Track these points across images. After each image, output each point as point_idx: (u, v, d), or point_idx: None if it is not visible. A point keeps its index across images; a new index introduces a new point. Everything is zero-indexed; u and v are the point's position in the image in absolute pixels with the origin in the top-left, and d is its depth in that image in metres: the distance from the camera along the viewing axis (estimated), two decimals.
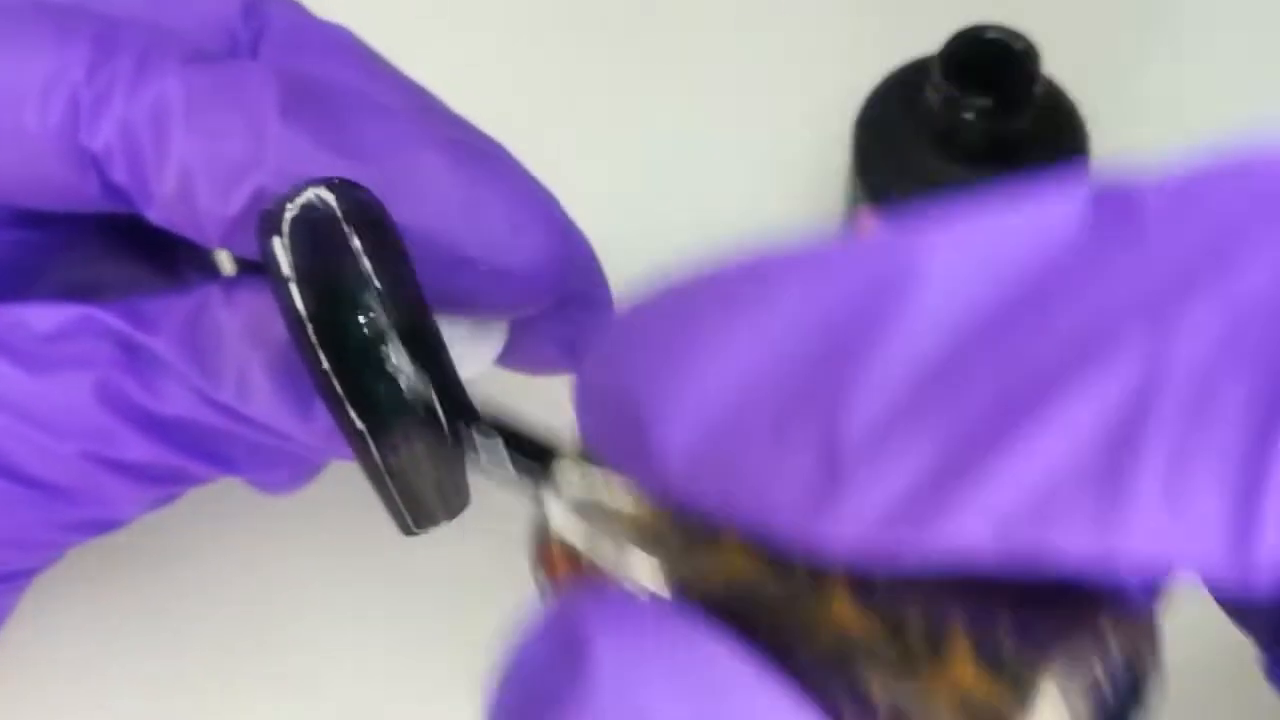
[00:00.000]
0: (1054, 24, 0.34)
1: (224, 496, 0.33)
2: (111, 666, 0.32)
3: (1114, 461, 0.11)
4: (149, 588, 0.33)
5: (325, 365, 0.19)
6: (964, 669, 0.13)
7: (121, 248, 0.25)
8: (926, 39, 0.31)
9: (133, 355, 0.21)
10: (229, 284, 0.21)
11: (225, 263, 0.28)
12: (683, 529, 0.15)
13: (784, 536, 0.13)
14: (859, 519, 0.12)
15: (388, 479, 0.20)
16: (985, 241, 0.12)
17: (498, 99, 0.29)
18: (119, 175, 0.21)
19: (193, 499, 0.29)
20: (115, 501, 0.23)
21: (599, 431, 0.14)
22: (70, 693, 0.32)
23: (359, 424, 0.19)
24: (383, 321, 0.19)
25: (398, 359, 0.19)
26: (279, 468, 0.23)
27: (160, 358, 0.21)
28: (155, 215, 0.21)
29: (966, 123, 0.30)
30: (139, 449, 0.22)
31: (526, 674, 0.14)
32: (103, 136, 0.20)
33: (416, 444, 0.20)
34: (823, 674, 0.14)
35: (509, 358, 0.23)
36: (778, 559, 0.14)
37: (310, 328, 0.18)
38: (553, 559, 0.16)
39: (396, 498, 0.20)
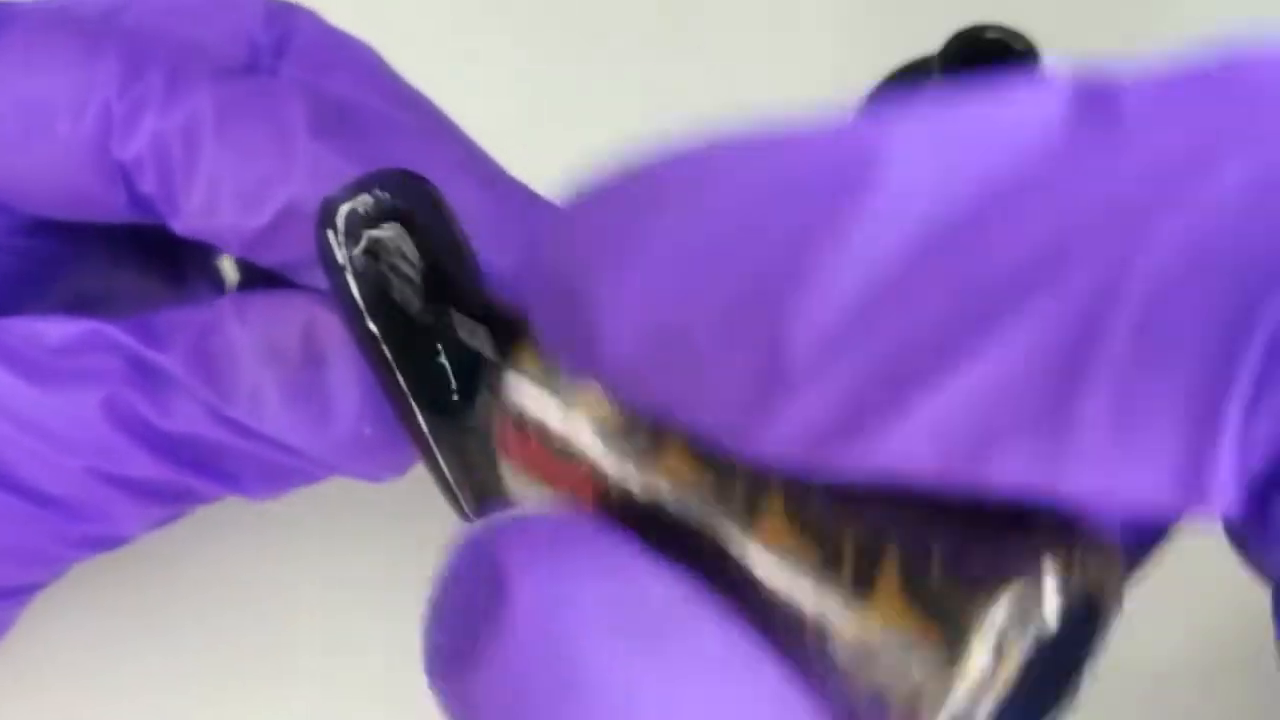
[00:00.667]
0: (1054, 24, 0.34)
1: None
2: (113, 666, 0.32)
3: (1060, 384, 0.11)
4: (150, 587, 0.33)
5: (384, 349, 0.19)
6: (893, 600, 0.13)
7: (130, 258, 0.25)
8: (926, 39, 0.31)
9: (142, 371, 0.21)
10: (240, 299, 0.21)
11: (230, 271, 0.28)
12: (630, 425, 0.14)
13: (723, 441, 0.12)
14: (797, 426, 0.12)
15: (443, 464, 0.20)
16: (956, 138, 0.11)
17: (496, 99, 0.29)
18: (148, 186, 0.21)
19: None
20: (120, 519, 0.23)
21: (545, 319, 0.14)
22: (72, 692, 0.32)
23: (416, 408, 0.20)
24: (439, 309, 0.20)
25: (454, 344, 0.20)
26: (283, 484, 0.23)
27: (170, 374, 0.21)
28: (181, 226, 0.22)
29: None
30: (146, 466, 0.21)
31: (450, 606, 0.13)
32: (134, 148, 0.21)
33: (475, 426, 0.20)
34: (754, 591, 0.13)
35: None
36: (719, 466, 0.14)
37: (366, 315, 0.19)
38: (506, 435, 0.16)
39: (452, 481, 0.20)
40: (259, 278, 0.23)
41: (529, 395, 0.16)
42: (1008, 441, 0.11)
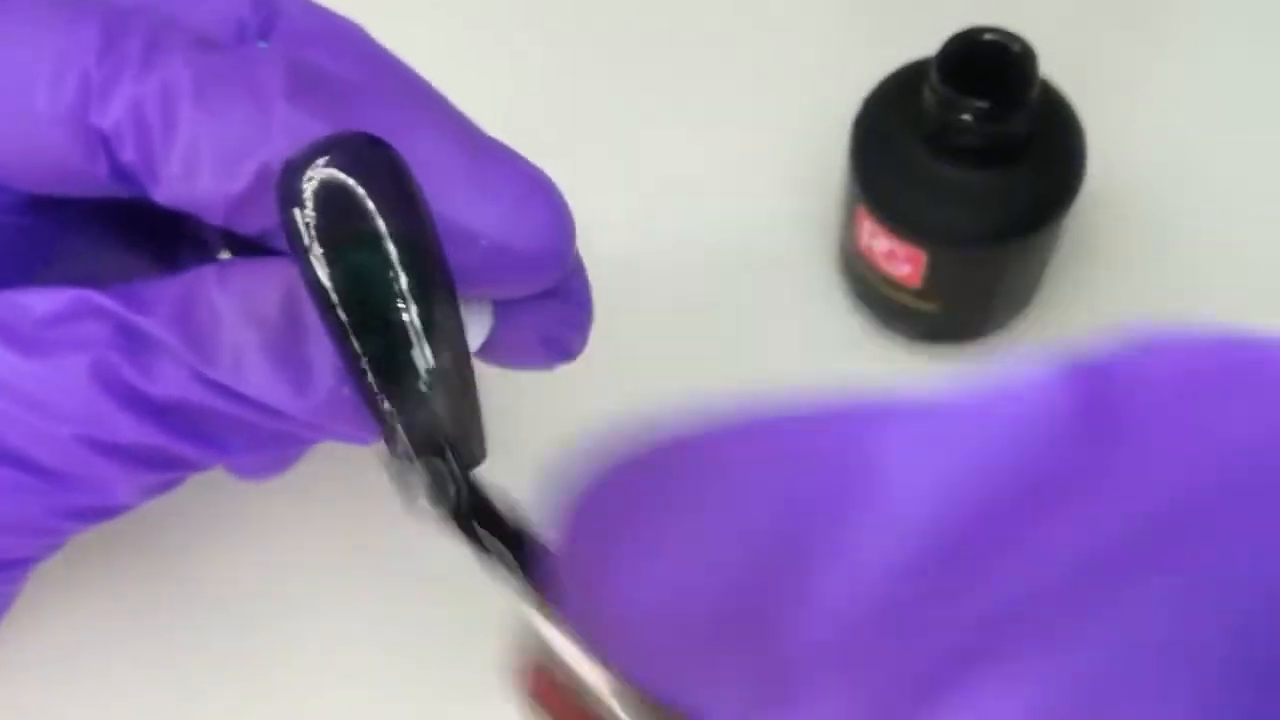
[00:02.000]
0: (1051, 26, 0.34)
1: (224, 494, 0.33)
2: (112, 662, 0.32)
3: None
4: (148, 587, 0.33)
5: (347, 326, 0.19)
6: None
7: (124, 240, 0.25)
8: (925, 40, 0.32)
9: (127, 336, 0.21)
10: (223, 265, 0.22)
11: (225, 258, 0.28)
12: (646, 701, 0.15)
13: None
14: None
15: (408, 444, 0.20)
16: (947, 445, 0.11)
17: (496, 100, 0.29)
18: (127, 155, 0.21)
19: (193, 495, 0.29)
20: (110, 487, 0.23)
21: (571, 594, 0.14)
22: (71, 687, 0.32)
23: (377, 387, 0.19)
24: (401, 283, 0.19)
25: (416, 321, 0.20)
26: (269, 450, 0.23)
27: (154, 338, 0.21)
28: (162, 195, 0.21)
29: (964, 124, 0.30)
30: (133, 431, 0.22)
31: None
32: (112, 116, 0.21)
33: (436, 403, 0.20)
34: None
35: (489, 350, 0.23)
36: None
37: (331, 292, 0.19)
38: (542, 685, 0.17)
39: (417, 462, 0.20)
40: (253, 253, 0.23)
41: (560, 645, 0.16)
42: None
